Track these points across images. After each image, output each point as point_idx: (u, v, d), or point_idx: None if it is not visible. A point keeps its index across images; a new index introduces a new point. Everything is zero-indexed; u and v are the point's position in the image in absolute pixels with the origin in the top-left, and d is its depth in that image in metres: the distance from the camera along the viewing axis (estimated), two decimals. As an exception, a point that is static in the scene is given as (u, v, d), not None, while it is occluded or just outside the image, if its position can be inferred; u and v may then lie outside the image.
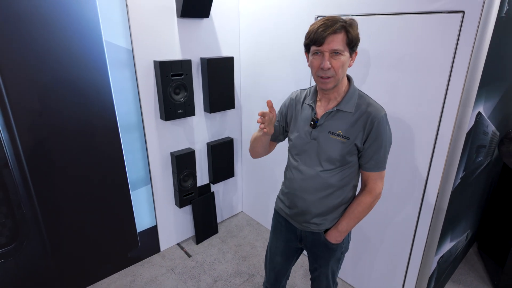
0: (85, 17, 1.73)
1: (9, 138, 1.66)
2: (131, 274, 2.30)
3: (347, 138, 1.16)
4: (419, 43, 1.50)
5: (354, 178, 1.27)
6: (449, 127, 1.48)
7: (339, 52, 1.07)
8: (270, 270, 1.55)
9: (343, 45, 1.07)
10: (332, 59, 1.08)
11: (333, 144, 1.18)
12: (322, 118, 1.20)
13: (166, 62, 2.03)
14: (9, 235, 1.78)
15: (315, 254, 1.39)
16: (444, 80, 1.45)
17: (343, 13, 1.77)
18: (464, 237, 2.23)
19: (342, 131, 1.17)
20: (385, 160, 1.20)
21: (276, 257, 1.50)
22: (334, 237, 1.28)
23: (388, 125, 1.17)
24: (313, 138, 1.22)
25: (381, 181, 1.23)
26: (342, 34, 1.06)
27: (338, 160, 1.19)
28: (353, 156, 1.20)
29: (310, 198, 1.26)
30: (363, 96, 1.20)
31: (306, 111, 1.26)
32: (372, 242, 1.96)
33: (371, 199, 1.23)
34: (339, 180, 1.22)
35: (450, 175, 1.55)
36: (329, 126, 1.19)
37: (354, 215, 1.25)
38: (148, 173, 2.28)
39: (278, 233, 1.47)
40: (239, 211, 3.10)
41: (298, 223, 1.35)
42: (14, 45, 1.56)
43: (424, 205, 1.65)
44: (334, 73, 1.09)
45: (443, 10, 1.40)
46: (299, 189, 1.28)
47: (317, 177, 1.23)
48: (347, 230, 1.27)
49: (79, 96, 1.82)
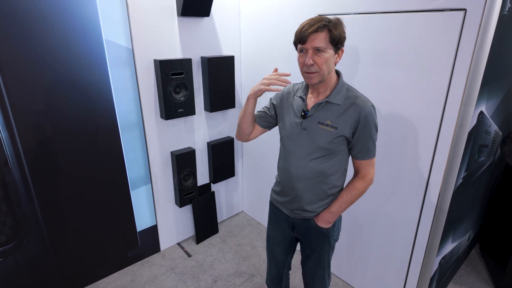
0: (85, 15, 1.73)
1: (9, 137, 1.66)
2: (131, 273, 2.29)
3: (335, 128, 1.23)
4: (420, 42, 1.48)
5: (343, 166, 1.33)
6: (450, 126, 1.46)
7: (321, 50, 1.14)
8: (271, 260, 1.61)
9: (326, 42, 1.14)
10: (315, 56, 1.15)
11: (322, 133, 1.24)
12: (312, 109, 1.27)
13: (166, 61, 2.02)
14: (9, 233, 1.78)
15: (307, 240, 1.42)
16: (445, 79, 1.43)
17: (344, 12, 1.76)
18: (466, 237, 2.21)
19: (330, 121, 1.24)
20: (375, 147, 1.27)
21: (275, 247, 1.55)
22: (325, 218, 1.33)
23: (375, 115, 1.24)
24: (303, 128, 1.28)
25: (372, 168, 1.30)
26: (324, 33, 1.13)
27: (327, 148, 1.25)
28: (342, 146, 1.26)
29: (302, 186, 1.32)
30: (351, 90, 1.27)
31: (298, 102, 1.32)
32: (372, 242, 1.94)
33: (364, 184, 1.30)
34: (329, 168, 1.28)
35: (451, 175, 1.54)
36: (318, 116, 1.25)
37: (348, 198, 1.31)
38: (148, 172, 2.27)
39: (274, 223, 1.52)
40: (239, 211, 3.09)
41: (290, 211, 1.40)
42: (14, 44, 1.56)
43: (426, 205, 1.64)
44: (318, 69, 1.17)
45: (445, 8, 1.38)
46: (291, 177, 1.34)
47: (308, 165, 1.29)
48: (338, 212, 1.33)
49: (79, 94, 1.82)
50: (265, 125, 1.47)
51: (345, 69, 1.80)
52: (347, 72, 1.80)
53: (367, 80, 1.73)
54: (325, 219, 1.33)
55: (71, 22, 1.70)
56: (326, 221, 1.33)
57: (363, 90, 1.75)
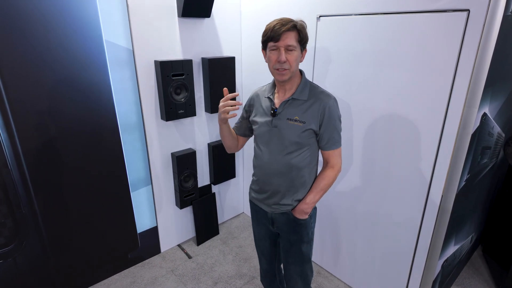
0: (85, 16, 1.72)
1: (8, 138, 1.65)
2: (131, 275, 2.28)
3: (303, 122, 1.30)
4: (422, 43, 1.47)
5: (315, 159, 1.41)
6: (453, 128, 1.45)
7: (292, 48, 1.22)
8: (261, 255, 1.67)
9: (296, 41, 1.23)
10: (287, 54, 1.23)
11: (292, 128, 1.31)
12: (281, 107, 1.34)
13: (167, 62, 2.01)
14: (8, 235, 1.77)
15: (287, 233, 1.46)
16: (448, 80, 1.42)
17: (345, 12, 1.74)
18: (469, 240, 2.19)
19: (298, 117, 1.31)
20: (340, 138, 1.36)
21: (261, 242, 1.61)
22: (302, 208, 1.38)
23: (338, 108, 1.33)
24: (274, 126, 1.35)
25: (339, 157, 1.39)
26: (294, 32, 1.22)
27: (297, 142, 1.32)
28: (311, 139, 1.34)
29: (277, 181, 1.38)
30: (315, 86, 1.36)
31: (266, 103, 1.39)
32: (374, 245, 1.93)
33: (334, 173, 1.38)
34: (301, 161, 1.35)
35: (454, 177, 1.52)
36: (287, 113, 1.33)
37: (320, 187, 1.38)
38: (148, 173, 2.26)
39: (256, 221, 1.58)
40: (240, 212, 3.08)
41: (268, 206, 1.45)
42: (13, 44, 1.55)
43: (428, 208, 1.62)
44: (289, 66, 1.24)
45: (448, 9, 1.37)
46: (267, 173, 1.40)
47: (282, 161, 1.35)
48: (313, 202, 1.39)
49: (78, 95, 1.81)
50: (247, 134, 1.56)
51: (345, 69, 1.80)
52: (347, 73, 1.79)
53: (368, 81, 1.71)
54: (302, 210, 1.38)
55: (71, 23, 1.69)
56: (303, 212, 1.38)
57: (364, 92, 1.75)
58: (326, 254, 2.28)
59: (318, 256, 2.33)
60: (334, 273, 2.26)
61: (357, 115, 1.82)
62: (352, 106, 1.83)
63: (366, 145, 1.82)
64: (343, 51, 1.80)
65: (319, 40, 1.91)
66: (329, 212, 2.14)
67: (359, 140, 1.84)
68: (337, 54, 1.83)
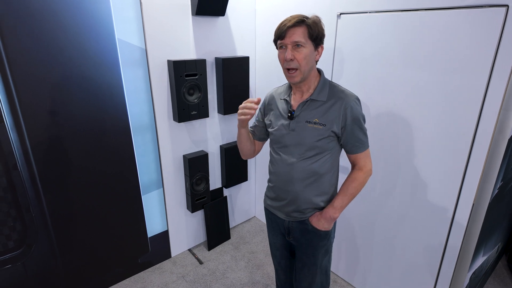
0: (98, 14, 1.67)
1: (19, 139, 1.60)
2: (141, 280, 2.22)
3: (324, 125, 1.21)
4: (452, 41, 1.37)
5: (335, 165, 1.32)
6: (488, 132, 1.35)
7: (300, 44, 1.14)
8: (277, 266, 1.59)
9: (304, 37, 1.14)
10: (294, 51, 1.15)
11: (311, 132, 1.23)
12: (298, 109, 1.25)
13: (180, 61, 1.95)
14: (18, 239, 1.72)
15: (304, 244, 1.37)
16: (483, 81, 1.32)
17: (367, 9, 1.66)
18: (495, 250, 2.08)
19: (318, 119, 1.22)
20: (367, 138, 1.26)
21: (277, 252, 1.53)
22: (330, 214, 1.28)
23: (361, 107, 1.24)
24: (291, 129, 1.26)
25: (369, 159, 1.28)
26: (302, 28, 1.14)
27: (318, 146, 1.23)
28: (332, 142, 1.25)
29: (296, 188, 1.29)
30: (335, 86, 1.26)
31: (282, 105, 1.31)
32: (398, 255, 1.83)
33: (364, 175, 1.27)
34: (320, 167, 1.26)
35: (488, 185, 1.42)
36: (305, 116, 1.24)
37: (349, 191, 1.27)
38: (160, 176, 2.20)
39: (272, 229, 1.49)
40: (251, 216, 3.00)
41: (286, 214, 1.36)
42: (25, 43, 1.51)
43: (457, 217, 1.52)
44: (298, 64, 1.16)
45: (484, 4, 1.27)
46: (284, 180, 1.31)
47: (300, 166, 1.26)
48: (342, 207, 1.29)
49: (91, 95, 1.76)
50: (263, 138, 1.47)
51: (367, 69, 1.71)
52: (368, 72, 1.70)
53: (391, 81, 1.62)
54: (329, 215, 1.28)
55: (84, 21, 1.63)
56: (330, 218, 1.28)
57: (387, 92, 1.66)
58: (342, 262, 2.18)
59: (334, 264, 2.23)
60: (352, 282, 2.16)
61: (379, 117, 1.72)
62: (372, 107, 1.74)
63: (388, 149, 1.73)
64: (365, 50, 1.71)
65: (339, 38, 1.82)
66: (346, 218, 2.04)
67: (381, 144, 1.75)
68: (359, 53, 1.74)
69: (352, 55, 1.78)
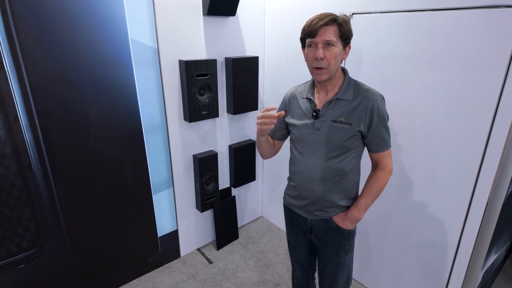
0: (112, 14, 1.67)
1: (33, 139, 1.60)
2: (151, 280, 2.22)
3: (350, 124, 1.21)
4: (469, 41, 1.38)
5: (359, 163, 1.32)
6: (503, 132, 1.36)
7: (331, 43, 1.13)
8: (295, 263, 1.58)
9: (336, 36, 1.13)
10: (325, 50, 1.14)
11: (337, 131, 1.22)
12: (323, 108, 1.24)
13: (191, 61, 1.95)
14: (31, 238, 1.72)
15: (327, 242, 1.37)
16: (499, 81, 1.33)
17: (381, 9, 1.67)
18: (505, 248, 2.09)
19: (344, 118, 1.22)
20: (390, 138, 1.27)
21: (297, 250, 1.53)
22: (354, 215, 1.29)
23: (385, 106, 1.24)
24: (316, 128, 1.25)
25: (390, 158, 1.29)
26: (334, 27, 1.13)
27: (343, 146, 1.23)
28: (357, 142, 1.24)
29: (320, 187, 1.29)
30: (360, 84, 1.26)
31: (305, 104, 1.30)
32: (410, 254, 1.84)
33: (386, 175, 1.28)
34: (345, 166, 1.26)
35: (502, 184, 1.43)
36: (331, 115, 1.23)
37: (372, 191, 1.28)
38: (170, 176, 2.20)
39: (292, 227, 1.49)
40: (259, 216, 3.00)
41: (309, 213, 1.36)
42: (39, 42, 1.51)
43: (470, 216, 1.53)
44: (327, 63, 1.15)
45: (500, 4, 1.28)
46: (308, 179, 1.30)
47: (324, 166, 1.26)
48: (366, 207, 1.29)
49: (104, 95, 1.76)
50: (282, 137, 1.46)
51: (380, 70, 1.72)
52: (382, 73, 1.71)
53: (405, 81, 1.63)
54: (353, 216, 1.29)
55: (98, 21, 1.64)
56: (355, 219, 1.29)
57: (401, 92, 1.67)
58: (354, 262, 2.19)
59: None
60: (363, 282, 2.17)
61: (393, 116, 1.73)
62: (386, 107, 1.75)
63: (401, 149, 1.74)
64: (377, 50, 1.72)
65: (351, 38, 1.83)
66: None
67: (395, 143, 1.76)
68: (371, 53, 1.75)
69: (364, 55, 1.79)
